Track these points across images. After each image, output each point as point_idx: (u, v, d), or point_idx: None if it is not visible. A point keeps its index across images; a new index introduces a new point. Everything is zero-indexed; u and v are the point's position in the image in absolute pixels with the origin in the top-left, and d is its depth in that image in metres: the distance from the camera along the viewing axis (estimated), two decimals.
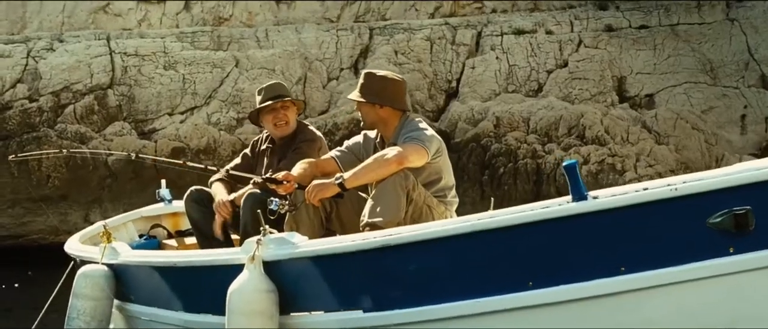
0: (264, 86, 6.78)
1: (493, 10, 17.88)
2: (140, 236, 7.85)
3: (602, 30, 17.13)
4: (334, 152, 6.10)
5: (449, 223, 4.56)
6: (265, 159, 6.67)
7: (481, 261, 4.39)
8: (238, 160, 6.87)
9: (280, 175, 5.76)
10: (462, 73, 16.98)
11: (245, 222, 6.07)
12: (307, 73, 16.75)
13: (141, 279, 6.31)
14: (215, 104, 16.42)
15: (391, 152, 5.52)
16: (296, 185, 5.69)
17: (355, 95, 5.93)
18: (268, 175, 5.93)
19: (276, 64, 16.66)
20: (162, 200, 8.19)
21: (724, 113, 16.62)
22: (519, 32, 17.12)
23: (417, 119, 5.87)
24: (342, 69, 17.12)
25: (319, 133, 6.66)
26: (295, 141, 6.53)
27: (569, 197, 4.17)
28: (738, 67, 16.85)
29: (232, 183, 6.62)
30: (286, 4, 18.02)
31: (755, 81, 16.77)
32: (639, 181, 15.02)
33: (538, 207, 4.23)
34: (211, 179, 6.72)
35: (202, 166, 6.78)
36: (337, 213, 5.83)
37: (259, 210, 5.24)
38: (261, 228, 5.11)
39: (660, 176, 15.11)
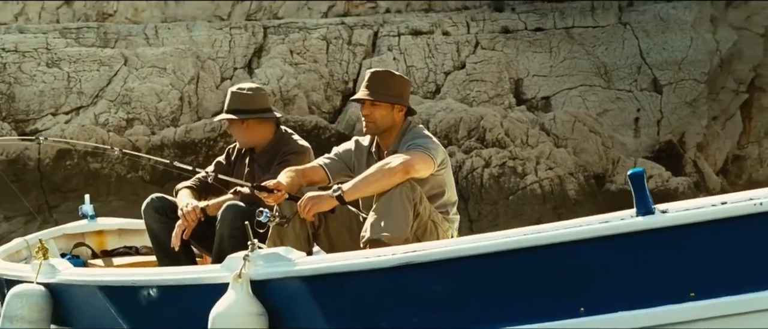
0: (234, 89, 6.20)
1: (387, 10, 17.60)
2: (63, 255, 7.13)
3: (498, 32, 17.06)
4: (321, 160, 5.49)
5: (486, 238, 4.04)
6: (245, 169, 6.09)
7: (525, 282, 3.92)
8: (210, 168, 6.18)
9: (270, 183, 5.14)
10: (359, 73, 16.65)
11: (222, 236, 5.47)
12: (199, 73, 16.12)
13: (89, 301, 5.57)
14: (103, 104, 15.63)
15: (395, 160, 4.97)
16: (286, 196, 5.11)
17: (363, 94, 5.28)
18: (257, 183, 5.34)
19: (167, 63, 15.98)
20: (85, 216, 7.52)
21: (619, 116, 16.77)
22: (416, 33, 16.90)
23: (419, 126, 5.37)
24: (236, 68, 16.57)
25: (306, 144, 6.10)
26: (279, 151, 5.97)
27: (633, 211, 3.73)
28: (631, 71, 17.02)
29: (202, 193, 6.01)
30: (174, 1, 17.33)
31: (647, 84, 16.98)
32: (539, 184, 15.01)
33: (596, 222, 3.78)
34: (179, 185, 6.08)
35: (190, 167, 6.06)
36: (326, 228, 5.26)
37: (246, 222, 4.70)
38: (249, 243, 4.49)
39: (560, 179, 15.12)
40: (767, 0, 17.53)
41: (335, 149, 5.57)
